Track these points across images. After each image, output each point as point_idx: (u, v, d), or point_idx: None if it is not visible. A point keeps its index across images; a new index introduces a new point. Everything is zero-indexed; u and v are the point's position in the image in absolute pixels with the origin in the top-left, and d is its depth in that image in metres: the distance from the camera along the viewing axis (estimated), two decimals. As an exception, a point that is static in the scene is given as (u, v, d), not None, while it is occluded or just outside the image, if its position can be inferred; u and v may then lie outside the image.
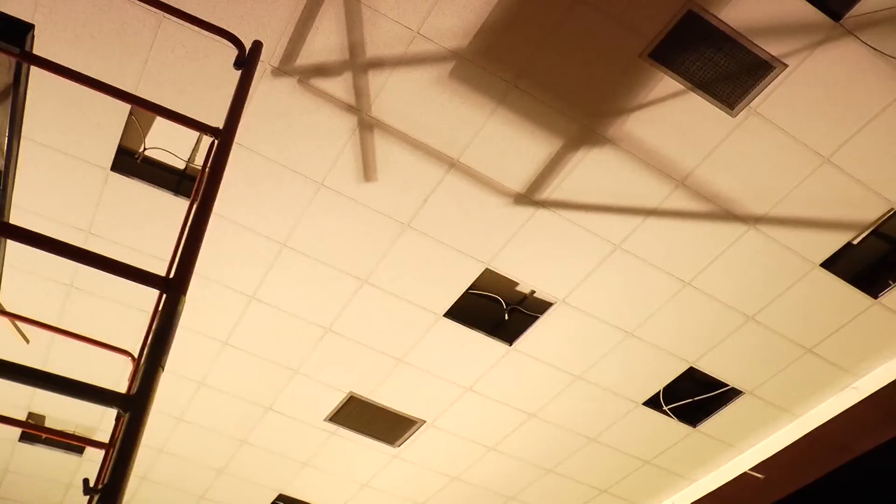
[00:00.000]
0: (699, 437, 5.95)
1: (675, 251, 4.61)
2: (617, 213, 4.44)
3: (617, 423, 5.88)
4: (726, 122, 4.00)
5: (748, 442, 6.00)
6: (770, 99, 3.89)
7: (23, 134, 4.37)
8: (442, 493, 6.79)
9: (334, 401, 5.86)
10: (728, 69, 3.79)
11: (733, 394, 5.58)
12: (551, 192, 4.36)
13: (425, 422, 5.99)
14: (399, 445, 6.25)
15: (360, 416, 5.97)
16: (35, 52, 4.02)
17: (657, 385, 5.54)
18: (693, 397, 5.67)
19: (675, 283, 4.79)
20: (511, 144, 4.17)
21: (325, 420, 6.06)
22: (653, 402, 5.68)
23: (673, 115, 3.97)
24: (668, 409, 5.73)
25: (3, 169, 2.76)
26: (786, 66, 3.76)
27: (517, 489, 6.68)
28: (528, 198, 4.41)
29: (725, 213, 4.40)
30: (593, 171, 4.25)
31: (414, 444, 6.22)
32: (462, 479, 6.61)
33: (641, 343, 5.20)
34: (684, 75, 3.82)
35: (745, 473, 6.17)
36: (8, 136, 2.66)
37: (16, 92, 2.53)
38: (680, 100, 3.91)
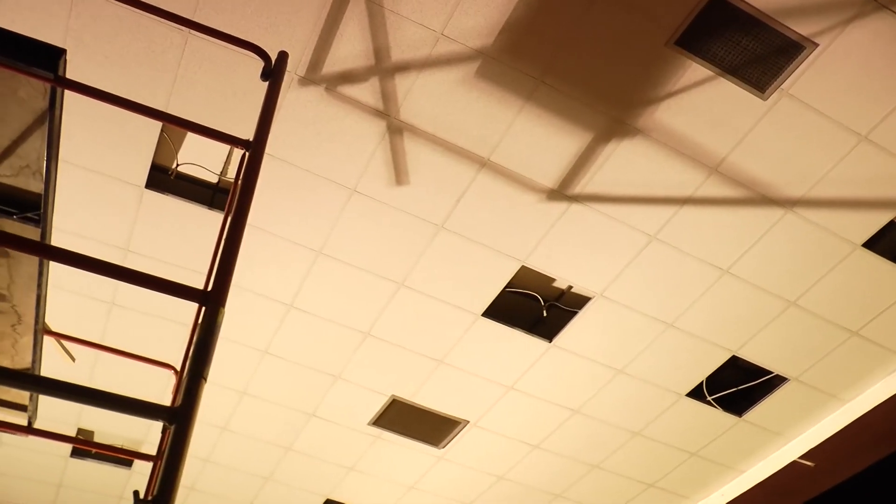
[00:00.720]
0: (746, 427, 5.87)
1: (712, 239, 4.56)
2: (651, 204, 4.40)
3: (661, 416, 5.83)
4: (758, 106, 3.95)
5: (796, 430, 5.91)
6: (802, 80, 3.83)
7: (59, 157, 4.45)
8: (489, 493, 6.78)
9: (377, 405, 5.89)
10: (757, 52, 3.74)
11: (778, 381, 5.50)
12: (584, 186, 4.34)
13: (468, 422, 5.99)
14: (443, 447, 6.26)
15: (404, 418, 5.98)
16: (68, 76, 4.09)
17: (700, 375, 5.48)
18: (737, 386, 5.60)
19: (714, 271, 4.74)
20: (541, 140, 4.16)
21: (368, 424, 6.08)
22: (696, 393, 5.63)
23: (703, 102, 3.93)
24: (713, 399, 5.67)
25: (42, 193, 2.81)
26: (816, 45, 3.70)
27: (563, 486, 6.65)
28: (560, 193, 4.39)
29: (761, 198, 4.35)
30: (625, 163, 4.22)
31: (458, 444, 6.22)
32: (508, 479, 6.60)
33: (682, 334, 5.15)
34: (712, 61, 3.77)
35: (794, 462, 6.07)
36: (46, 161, 2.70)
37: (51, 116, 2.57)
38: (709, 86, 3.87)
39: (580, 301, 5.04)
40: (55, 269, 5.02)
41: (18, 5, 3.84)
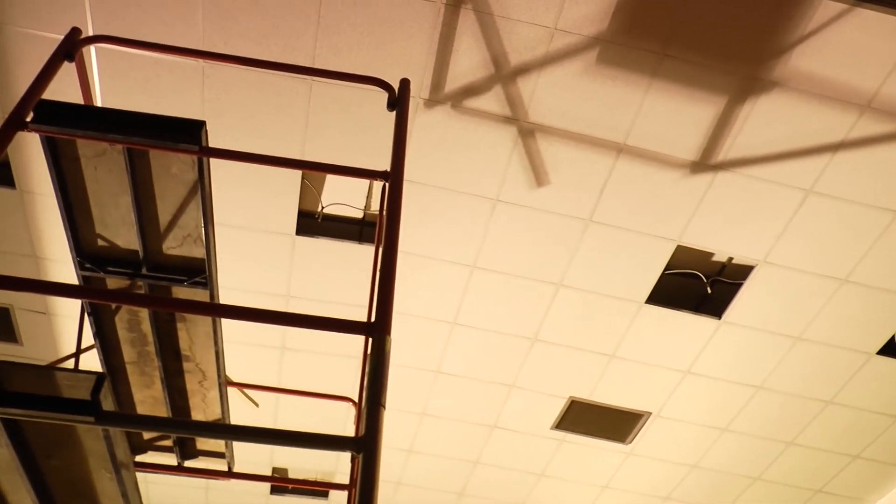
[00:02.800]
0: (950, 376, 5.49)
1: (876, 181, 4.34)
2: (801, 157, 4.25)
3: (853, 379, 5.54)
4: (900, 32, 3.75)
5: None
6: (942, -4, 3.62)
7: (215, 221, 4.78)
8: (685, 484, 6.63)
9: (556, 408, 5.90)
10: (888, -23, 3.57)
11: (978, 321, 5.12)
12: (727, 152, 4.25)
13: (651, 413, 5.90)
14: (630, 442, 6.19)
15: (585, 418, 5.96)
16: (210, 144, 4.40)
17: (889, 329, 5.17)
18: (932, 333, 5.25)
19: (884, 214, 4.49)
20: (674, 114, 4.11)
21: (551, 428, 6.10)
22: (889, 349, 5.31)
23: (841, 38, 3.77)
24: (908, 351, 5.34)
25: (205, 257, 3.03)
26: (952, -44, 3.50)
27: (761, 468, 6.41)
28: (704, 164, 4.31)
29: (922, 129, 4.11)
30: (766, 120, 4.10)
31: (644, 438, 6.13)
32: (701, 466, 6.43)
33: (859, 287, 4.90)
34: (841, -5, 3.63)
35: None
36: (204, 227, 2.92)
37: (202, 185, 2.78)
38: (845, 20, 3.71)
39: (744, 271, 4.90)
40: (227, 324, 5.36)
41: (159, 88, 4.19)
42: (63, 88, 4.20)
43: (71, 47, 2.79)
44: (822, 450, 6.16)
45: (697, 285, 5.04)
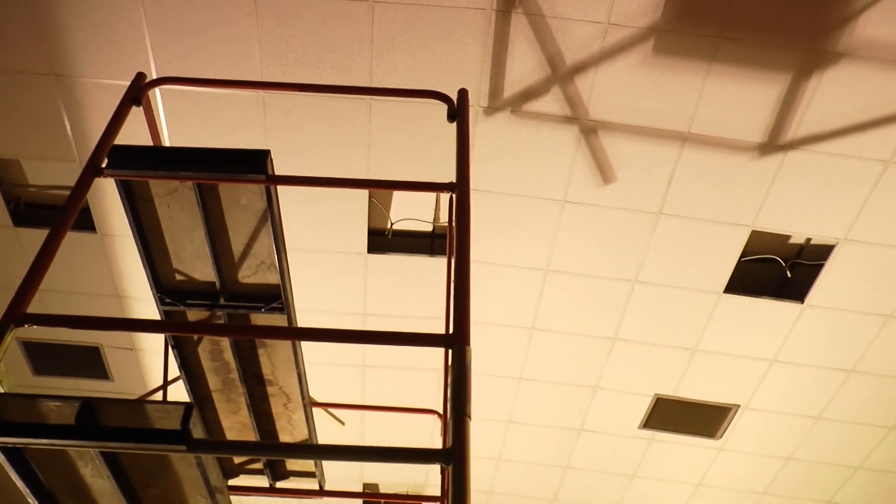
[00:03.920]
0: None
1: (957, 146, 4.17)
2: (876, 127, 4.10)
3: (954, 354, 5.31)
4: (969, -11, 3.60)
5: None
6: None
7: (287, 246, 4.86)
8: (781, 477, 6.44)
9: (642, 407, 5.81)
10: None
11: None
12: (795, 130, 4.13)
13: (739, 406, 5.76)
14: (721, 437, 6.04)
15: (673, 415, 5.86)
16: (276, 172, 4.49)
17: None
18: None
19: (969, 181, 4.32)
20: (737, 97, 4.02)
21: (639, 428, 6.01)
22: None
23: (904, 4, 3.64)
24: None
25: (280, 282, 3.09)
26: None
27: (861, 455, 6.18)
28: (772, 144, 4.21)
29: None
30: (834, 93, 3.98)
31: (735, 431, 5.98)
32: (797, 458, 6.23)
33: (951, 258, 4.71)
34: (903, -42, 3.51)
35: None
36: (277, 253, 2.98)
37: (272, 212, 2.83)
38: (906, -17, 3.59)
39: (824, 252, 4.75)
40: (307, 346, 5.43)
41: (222, 122, 4.29)
42: (134, 132, 4.34)
43: (137, 92, 2.89)
44: (926, 431, 5.92)
45: (776, 270, 4.91)
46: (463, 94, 2.99)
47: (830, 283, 4.87)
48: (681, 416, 5.87)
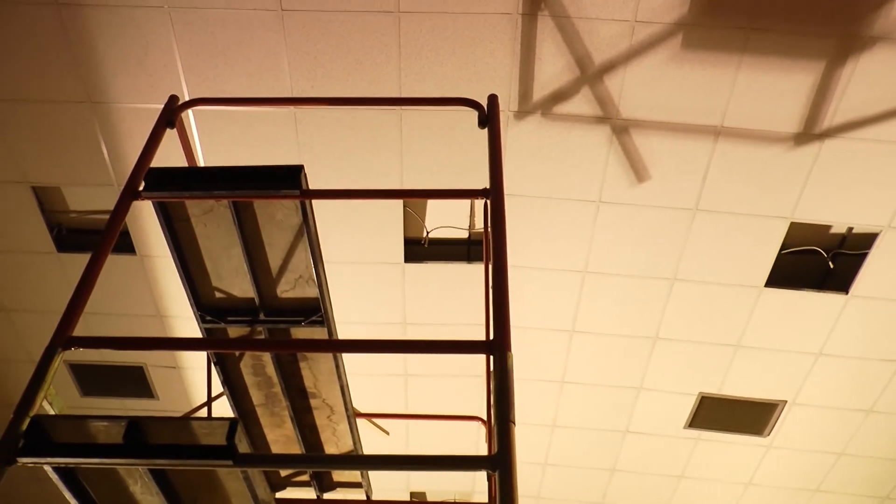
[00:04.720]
0: None
1: None
2: (914, 112, 4.03)
3: None
4: None
5: None
6: None
7: (324, 259, 4.89)
8: (833, 474, 6.31)
9: (687, 406, 5.74)
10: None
11: None
12: (831, 118, 4.07)
13: (786, 402, 5.66)
14: (768, 434, 5.95)
15: (719, 414, 5.78)
16: (310, 186, 4.52)
17: None
18: None
19: None
20: (769, 88, 3.97)
21: (685, 428, 5.93)
22: None
23: (938, -15, 3.57)
24: None
25: (319, 296, 3.10)
26: None
27: (917, 447, 6.05)
28: (808, 134, 4.15)
29: None
30: (871, 79, 3.91)
31: (783, 428, 5.88)
32: (850, 453, 6.11)
33: None
34: (934, -61, 3.44)
35: None
36: (314, 267, 2.99)
37: (307, 227, 2.85)
38: (939, -37, 3.52)
39: (866, 241, 4.66)
40: (348, 357, 5.45)
41: (255, 139, 4.33)
42: (169, 154, 4.40)
43: (171, 114, 2.92)
44: (982, 420, 5.78)
45: (818, 261, 4.83)
46: (493, 99, 2.99)
47: (875, 272, 4.77)
48: (727, 415, 5.79)
